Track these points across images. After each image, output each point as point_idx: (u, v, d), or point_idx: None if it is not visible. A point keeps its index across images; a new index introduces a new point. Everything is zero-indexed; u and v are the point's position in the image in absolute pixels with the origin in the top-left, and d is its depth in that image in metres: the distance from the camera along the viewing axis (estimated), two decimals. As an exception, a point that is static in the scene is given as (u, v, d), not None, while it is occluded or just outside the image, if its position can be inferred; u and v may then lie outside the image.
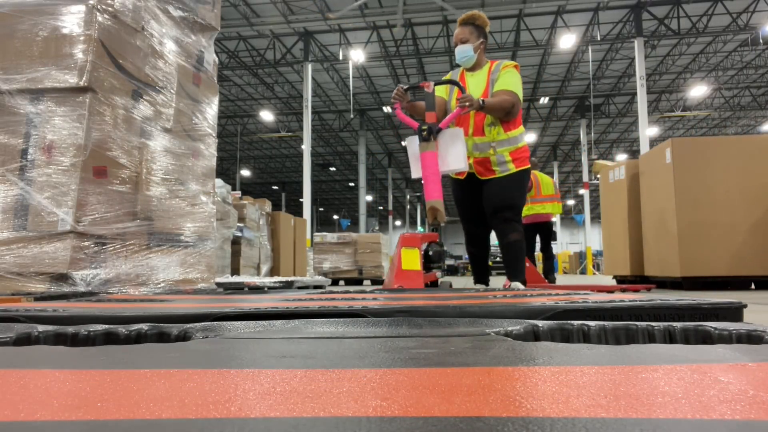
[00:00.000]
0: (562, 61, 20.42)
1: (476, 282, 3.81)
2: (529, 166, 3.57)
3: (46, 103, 2.54)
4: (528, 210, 7.17)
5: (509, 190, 3.52)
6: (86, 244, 2.48)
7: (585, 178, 23.81)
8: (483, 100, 3.29)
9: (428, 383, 0.46)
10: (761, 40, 17.88)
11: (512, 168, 3.49)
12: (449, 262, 29.18)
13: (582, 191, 28.78)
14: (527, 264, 6.44)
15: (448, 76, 3.72)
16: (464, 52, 3.56)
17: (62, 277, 2.39)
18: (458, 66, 3.74)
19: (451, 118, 3.37)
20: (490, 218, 3.57)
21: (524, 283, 3.48)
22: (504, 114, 3.41)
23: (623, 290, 4.55)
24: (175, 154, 3.13)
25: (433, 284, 2.95)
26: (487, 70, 3.58)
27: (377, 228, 41.79)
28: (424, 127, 3.25)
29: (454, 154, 3.22)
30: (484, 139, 3.50)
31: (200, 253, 3.27)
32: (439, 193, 3.22)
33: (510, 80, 3.45)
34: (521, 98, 3.47)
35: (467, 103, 3.24)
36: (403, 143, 29.00)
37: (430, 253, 3.39)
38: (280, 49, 19.35)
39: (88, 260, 2.48)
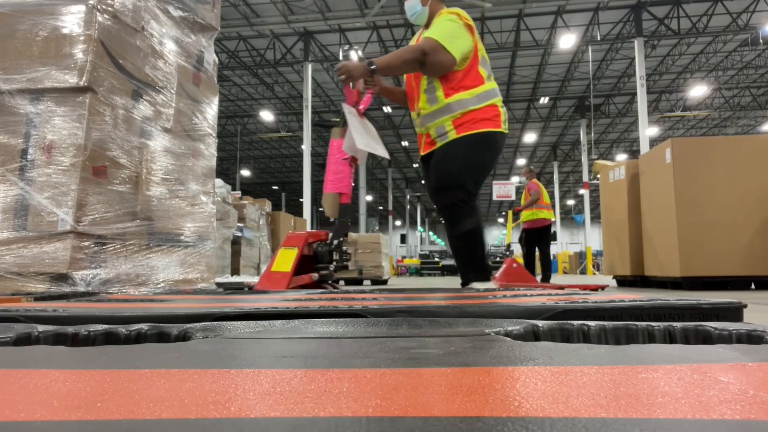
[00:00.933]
0: (562, 61, 20.42)
1: (463, 282, 3.00)
2: (487, 129, 2.76)
3: (46, 103, 2.54)
4: (533, 215, 7.71)
5: (446, 163, 2.76)
6: (86, 244, 2.48)
7: (585, 178, 23.81)
8: (371, 62, 2.64)
9: (428, 383, 0.46)
10: (761, 40, 17.88)
11: (452, 135, 2.76)
12: (449, 261, 29.15)
13: (582, 191, 28.78)
14: (515, 264, 6.55)
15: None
16: (412, 8, 2.92)
17: (62, 277, 2.39)
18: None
19: (366, 103, 2.84)
20: (434, 203, 2.87)
21: (487, 279, 2.81)
22: (414, 68, 2.70)
23: (582, 289, 4.36)
24: (175, 154, 3.13)
25: (310, 286, 2.57)
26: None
27: (377, 228, 41.83)
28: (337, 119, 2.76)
29: (349, 137, 2.71)
30: (422, 111, 2.87)
31: (200, 253, 3.27)
32: (332, 185, 2.74)
33: (433, 28, 2.74)
34: (447, 45, 2.64)
35: (342, 76, 2.61)
36: (403, 143, 29.03)
37: (317, 252, 2.85)
38: (280, 49, 19.35)
39: (88, 260, 2.48)
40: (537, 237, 7.74)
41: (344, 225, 2.70)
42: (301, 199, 20.33)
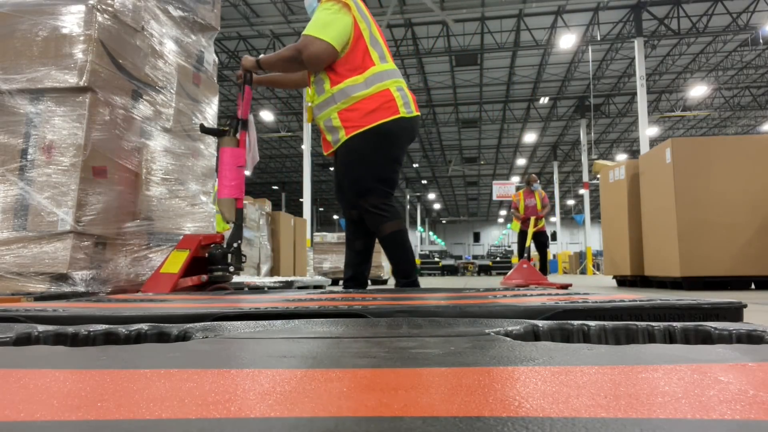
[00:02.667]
0: (562, 61, 20.42)
1: (346, 284, 2.86)
2: (379, 122, 2.57)
3: (45, 103, 2.54)
4: (543, 222, 8.58)
5: (348, 170, 2.65)
6: (86, 244, 2.48)
7: (585, 178, 23.81)
8: (258, 58, 2.66)
9: (428, 383, 0.46)
10: (761, 40, 17.88)
11: (342, 136, 2.62)
12: (449, 261, 29.18)
13: (582, 191, 28.79)
14: (525, 265, 6.93)
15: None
16: (309, 5, 2.79)
17: (62, 277, 2.39)
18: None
19: (246, 104, 2.78)
20: (344, 207, 2.84)
21: (413, 284, 2.74)
22: (294, 66, 2.63)
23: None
24: (175, 154, 3.13)
25: (200, 287, 2.54)
26: None
27: (377, 228, 41.67)
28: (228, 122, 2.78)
29: (251, 149, 2.73)
30: (313, 104, 2.73)
31: (200, 253, 3.27)
32: (228, 191, 2.66)
33: (313, 20, 2.59)
34: (319, 34, 2.52)
35: (239, 71, 2.73)
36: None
37: (210, 254, 2.73)
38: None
39: (87, 260, 2.48)
40: (542, 240, 8.66)
41: (239, 228, 2.70)
42: (301, 199, 20.34)
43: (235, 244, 2.65)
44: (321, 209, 48.00)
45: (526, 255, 8.13)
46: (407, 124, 2.65)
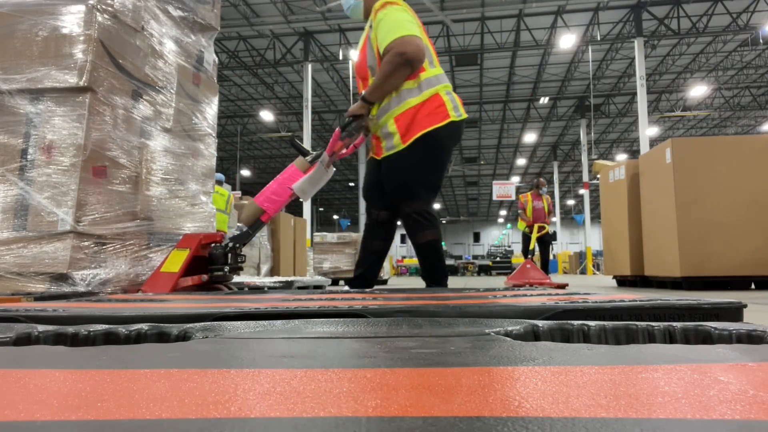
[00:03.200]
0: (562, 61, 20.42)
1: (352, 283, 2.86)
2: (433, 127, 2.55)
3: (45, 103, 2.54)
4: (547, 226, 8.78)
5: (398, 175, 2.64)
6: (86, 244, 2.48)
7: (585, 178, 23.82)
8: (362, 96, 2.58)
9: (428, 383, 0.46)
10: (761, 40, 17.89)
11: (398, 144, 2.59)
12: (449, 261, 29.17)
13: (582, 191, 28.79)
14: (529, 265, 7.12)
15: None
16: (346, 1, 2.77)
17: (62, 277, 2.39)
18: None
19: (350, 150, 2.77)
20: (369, 210, 2.88)
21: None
22: (403, 74, 2.52)
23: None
24: (175, 154, 3.13)
25: (201, 287, 2.55)
26: (368, 24, 2.69)
27: (377, 228, 41.68)
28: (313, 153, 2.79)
29: (304, 181, 2.67)
30: (373, 113, 2.70)
31: (200, 253, 3.27)
32: (264, 200, 2.69)
33: (386, 26, 2.49)
34: (409, 32, 2.47)
35: (346, 121, 2.60)
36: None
37: (211, 254, 2.73)
38: (280, 49, 19.35)
39: (88, 260, 2.48)
40: (546, 239, 8.78)
41: (248, 236, 2.70)
42: (300, 199, 20.33)
43: (231, 244, 2.66)
44: (321, 209, 47.99)
45: (530, 256, 8.31)
46: (456, 127, 2.65)
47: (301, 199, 2.74)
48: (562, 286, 5.15)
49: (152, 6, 3.01)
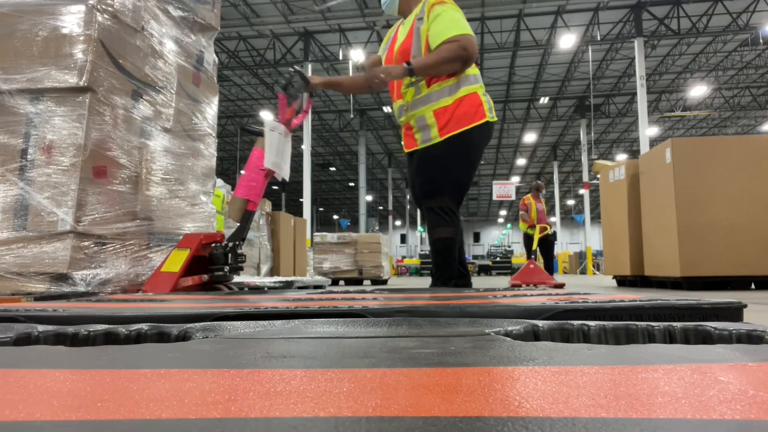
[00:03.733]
0: (562, 61, 20.43)
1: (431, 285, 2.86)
2: (471, 126, 2.60)
3: (45, 103, 2.54)
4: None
5: (430, 169, 2.66)
6: (86, 244, 2.48)
7: (585, 178, 23.82)
8: (409, 64, 2.53)
9: (428, 383, 0.46)
10: (761, 40, 17.89)
11: (436, 136, 2.62)
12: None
13: (582, 191, 28.79)
14: (532, 265, 7.17)
15: (386, 37, 2.96)
16: None
17: (62, 277, 2.39)
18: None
19: (301, 118, 2.74)
20: (418, 205, 2.81)
21: None
22: (455, 67, 2.58)
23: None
24: (175, 154, 3.13)
25: (201, 287, 2.54)
26: (414, 16, 2.72)
27: (377, 228, 41.84)
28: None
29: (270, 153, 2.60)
30: (400, 102, 2.74)
31: (200, 253, 3.27)
32: (243, 191, 2.64)
33: (448, 20, 2.58)
34: (469, 31, 2.57)
35: (376, 80, 2.51)
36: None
37: (212, 254, 2.68)
38: (280, 49, 19.35)
39: (88, 260, 2.48)
40: (550, 243, 9.09)
41: (243, 230, 2.66)
42: (301, 199, 20.32)
43: (231, 244, 2.64)
44: (321, 209, 47.99)
45: (533, 256, 8.39)
46: (489, 128, 2.70)
47: (280, 177, 2.69)
48: (560, 286, 5.18)
49: (152, 6, 3.01)
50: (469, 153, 2.65)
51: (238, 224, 2.68)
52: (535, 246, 8.57)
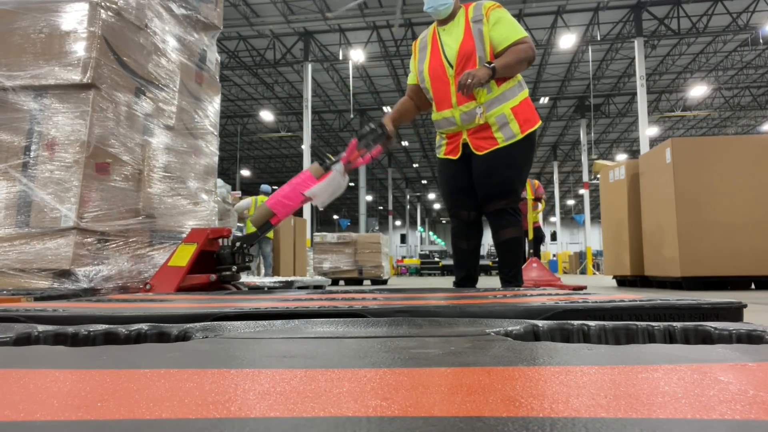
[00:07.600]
0: (562, 61, 20.41)
1: (460, 282, 2.95)
2: (536, 127, 2.74)
3: (49, 99, 2.54)
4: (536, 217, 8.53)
5: (506, 168, 2.70)
6: (89, 240, 2.48)
7: (585, 178, 23.81)
8: (491, 64, 2.59)
9: (428, 383, 0.46)
10: (761, 40, 17.88)
11: (518, 132, 2.67)
12: (449, 261, 29.12)
13: (582, 191, 28.78)
14: (535, 264, 7.06)
15: (416, 45, 2.96)
16: (440, 2, 2.77)
17: (65, 274, 2.39)
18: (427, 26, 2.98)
19: (366, 160, 2.76)
20: (483, 206, 2.82)
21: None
22: (525, 67, 2.70)
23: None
24: (177, 152, 3.13)
25: (207, 287, 2.53)
26: (464, 18, 2.76)
27: (377, 228, 41.83)
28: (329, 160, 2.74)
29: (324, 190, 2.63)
30: (471, 105, 2.70)
31: (200, 252, 3.27)
32: (275, 203, 2.66)
33: (511, 23, 2.72)
34: (526, 33, 2.76)
35: (468, 81, 2.51)
36: (404, 143, 29.03)
37: (219, 254, 2.69)
38: (280, 49, 19.35)
39: (90, 257, 2.48)
40: (539, 240, 8.93)
41: (256, 236, 2.73)
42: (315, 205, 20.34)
43: (239, 244, 2.66)
44: (321, 209, 47.98)
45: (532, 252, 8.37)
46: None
47: (315, 205, 2.76)
48: (580, 288, 5.17)
49: (156, 4, 3.01)
50: (533, 152, 2.78)
51: (255, 229, 2.71)
52: (530, 236, 8.50)
